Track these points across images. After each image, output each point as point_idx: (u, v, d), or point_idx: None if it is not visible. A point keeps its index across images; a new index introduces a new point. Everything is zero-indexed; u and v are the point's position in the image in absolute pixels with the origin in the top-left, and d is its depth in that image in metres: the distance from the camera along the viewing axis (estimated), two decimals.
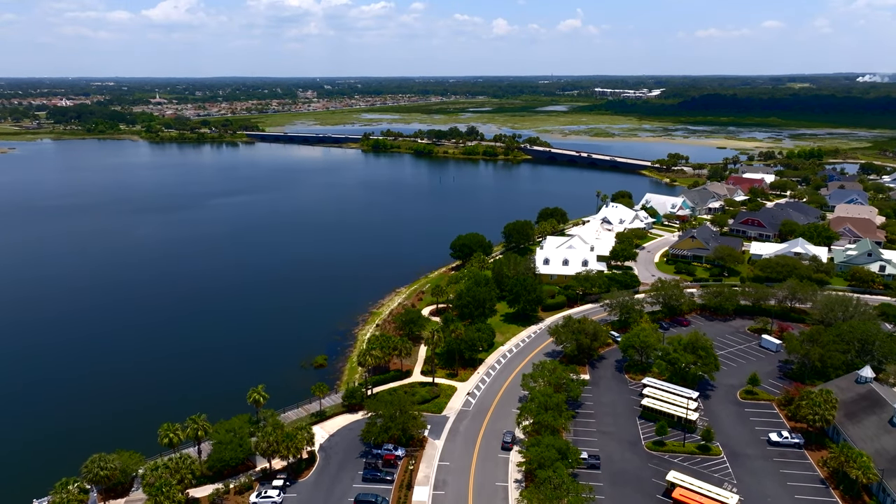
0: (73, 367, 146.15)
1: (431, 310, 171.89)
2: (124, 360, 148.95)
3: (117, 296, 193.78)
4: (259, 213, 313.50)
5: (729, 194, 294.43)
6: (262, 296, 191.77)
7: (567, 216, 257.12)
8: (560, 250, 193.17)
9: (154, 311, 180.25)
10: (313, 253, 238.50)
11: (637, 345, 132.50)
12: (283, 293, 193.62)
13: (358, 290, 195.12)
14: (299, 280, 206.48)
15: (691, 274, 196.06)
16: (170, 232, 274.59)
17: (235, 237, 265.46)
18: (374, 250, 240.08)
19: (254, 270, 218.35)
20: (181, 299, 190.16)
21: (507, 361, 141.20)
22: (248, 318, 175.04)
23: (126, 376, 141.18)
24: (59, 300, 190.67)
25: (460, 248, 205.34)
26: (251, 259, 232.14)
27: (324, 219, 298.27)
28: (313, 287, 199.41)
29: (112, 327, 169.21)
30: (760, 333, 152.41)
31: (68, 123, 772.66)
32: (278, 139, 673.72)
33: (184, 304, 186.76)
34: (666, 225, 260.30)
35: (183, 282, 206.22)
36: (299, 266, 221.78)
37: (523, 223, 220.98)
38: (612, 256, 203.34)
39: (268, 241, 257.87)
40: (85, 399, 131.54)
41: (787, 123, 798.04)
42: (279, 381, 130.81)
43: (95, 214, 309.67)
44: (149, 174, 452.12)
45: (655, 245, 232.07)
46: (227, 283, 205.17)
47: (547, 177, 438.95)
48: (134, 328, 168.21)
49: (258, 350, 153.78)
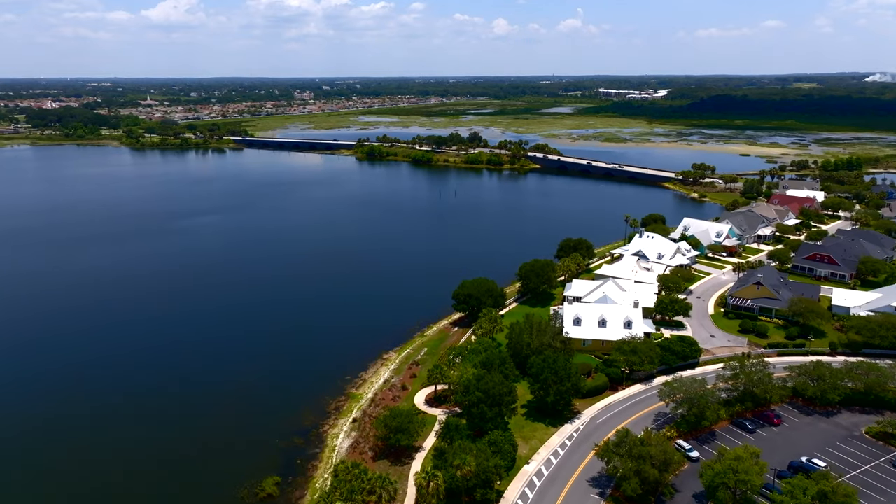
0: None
1: (428, 395, 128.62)
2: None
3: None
4: (221, 242, 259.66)
5: (779, 218, 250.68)
6: (201, 367, 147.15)
7: (592, 247, 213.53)
8: (595, 307, 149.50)
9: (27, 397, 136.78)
10: (280, 297, 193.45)
11: (731, 484, 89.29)
12: (233, 361, 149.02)
13: (334, 355, 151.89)
14: (256, 340, 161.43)
15: (761, 335, 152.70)
16: (102, 267, 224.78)
17: (179, 278, 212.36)
18: (357, 291, 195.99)
19: (195, 325, 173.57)
20: (76, 374, 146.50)
21: (535, 498, 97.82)
22: (169, 420, 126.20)
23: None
24: None
25: (465, 299, 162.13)
26: (196, 306, 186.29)
27: (298, 248, 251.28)
28: (275, 349, 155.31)
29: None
30: (888, 440, 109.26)
31: (46, 128, 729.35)
32: (267, 145, 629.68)
33: (74, 390, 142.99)
34: (711, 258, 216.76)
35: (87, 345, 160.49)
36: (260, 317, 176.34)
37: (543, 264, 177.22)
38: (657, 310, 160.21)
39: (222, 279, 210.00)
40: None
41: (806, 127, 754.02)
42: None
43: (23, 243, 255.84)
44: (113, 188, 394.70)
45: (705, 287, 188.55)
46: (150, 348, 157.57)
47: (558, 190, 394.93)
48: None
49: (180, 475, 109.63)
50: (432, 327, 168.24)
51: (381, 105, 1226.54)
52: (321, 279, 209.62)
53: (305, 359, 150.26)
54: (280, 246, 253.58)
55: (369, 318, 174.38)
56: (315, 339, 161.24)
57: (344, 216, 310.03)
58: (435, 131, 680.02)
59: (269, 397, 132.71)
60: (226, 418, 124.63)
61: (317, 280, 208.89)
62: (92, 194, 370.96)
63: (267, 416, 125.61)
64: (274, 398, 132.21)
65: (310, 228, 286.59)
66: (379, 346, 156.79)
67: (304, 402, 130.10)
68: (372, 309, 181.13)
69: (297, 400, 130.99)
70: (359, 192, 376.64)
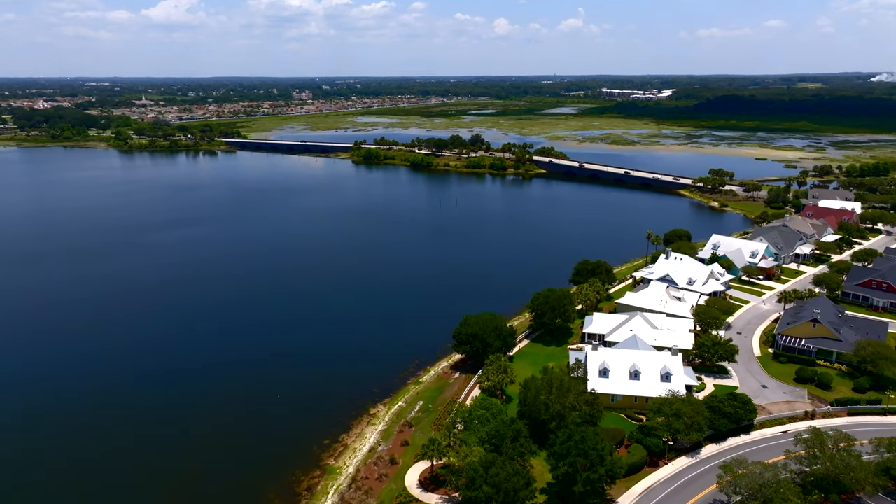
0: None
1: (423, 473, 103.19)
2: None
3: None
4: (191, 262, 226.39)
5: (817, 233, 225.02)
6: (142, 428, 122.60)
7: (612, 270, 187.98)
8: (626, 355, 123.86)
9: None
10: (247, 326, 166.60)
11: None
12: (175, 412, 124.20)
13: (310, 408, 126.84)
14: (211, 384, 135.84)
15: (824, 386, 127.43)
16: (43, 290, 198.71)
17: (130, 301, 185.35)
18: (342, 322, 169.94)
19: (134, 358, 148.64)
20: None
21: None
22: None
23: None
24: None
25: (468, 339, 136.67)
26: (140, 335, 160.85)
27: (275, 267, 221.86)
28: (234, 398, 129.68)
29: None
30: None
31: (33, 129, 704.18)
32: (261, 147, 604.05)
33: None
34: (746, 281, 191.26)
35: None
36: (219, 352, 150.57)
37: (559, 295, 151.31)
38: (698, 353, 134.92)
39: (179, 302, 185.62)
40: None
41: (819, 128, 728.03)
42: None
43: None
44: (82, 196, 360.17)
45: (745, 320, 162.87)
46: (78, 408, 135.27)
47: (566, 197, 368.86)
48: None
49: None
50: (429, 370, 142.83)
51: (381, 105, 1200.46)
52: (300, 306, 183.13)
53: (274, 414, 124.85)
54: (255, 263, 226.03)
55: (355, 357, 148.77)
56: (288, 387, 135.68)
57: (333, 229, 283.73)
58: (435, 133, 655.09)
59: (220, 469, 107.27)
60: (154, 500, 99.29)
61: (294, 308, 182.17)
62: (59, 202, 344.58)
63: (214, 500, 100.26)
64: (228, 470, 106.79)
65: (292, 244, 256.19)
66: (365, 395, 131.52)
67: (267, 479, 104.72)
68: (359, 345, 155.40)
69: (258, 474, 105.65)
70: (352, 201, 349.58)
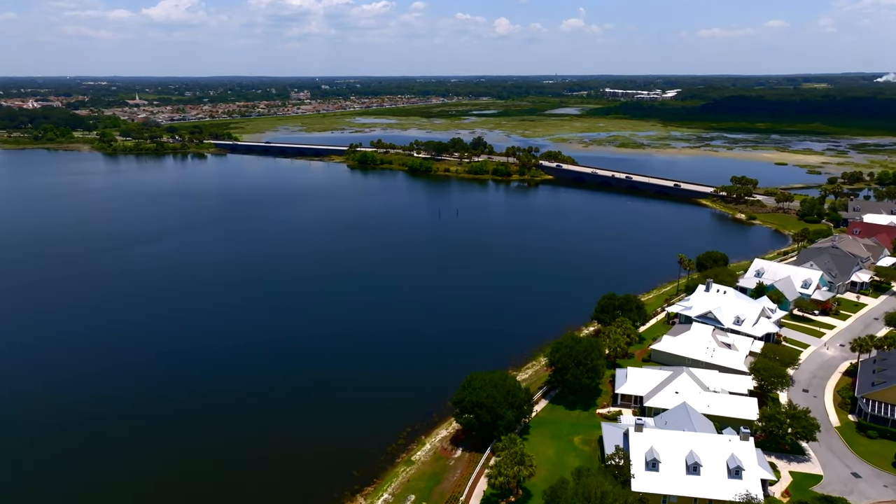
0: None
1: None
2: None
3: None
4: (150, 290, 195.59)
5: (872, 256, 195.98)
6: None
7: (643, 305, 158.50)
8: (679, 439, 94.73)
9: None
10: (204, 384, 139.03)
11: None
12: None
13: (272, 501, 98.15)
14: (147, 465, 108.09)
15: None
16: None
17: (67, 330, 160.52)
18: (318, 374, 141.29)
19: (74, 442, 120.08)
20: None
21: None
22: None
23: None
24: None
25: (472, 408, 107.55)
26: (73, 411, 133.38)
27: (246, 296, 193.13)
28: (178, 487, 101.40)
29: None
30: None
31: (16, 130, 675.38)
32: (252, 150, 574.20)
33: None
34: (798, 316, 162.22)
35: None
36: (163, 417, 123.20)
37: (585, 347, 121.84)
38: (765, 427, 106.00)
39: (115, 345, 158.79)
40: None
41: (836, 131, 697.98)
42: None
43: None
44: (46, 205, 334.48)
45: (809, 372, 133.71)
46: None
47: (576, 208, 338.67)
48: None
49: None
50: (424, 443, 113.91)
51: (380, 105, 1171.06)
52: (269, 352, 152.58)
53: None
54: (222, 291, 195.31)
55: (330, 424, 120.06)
56: (246, 467, 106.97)
57: (319, 247, 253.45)
58: (435, 134, 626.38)
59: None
60: None
61: (263, 354, 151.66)
62: (13, 215, 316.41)
63: None
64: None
65: (271, 266, 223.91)
66: (342, 480, 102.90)
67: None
68: (336, 406, 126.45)
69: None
70: (342, 213, 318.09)
